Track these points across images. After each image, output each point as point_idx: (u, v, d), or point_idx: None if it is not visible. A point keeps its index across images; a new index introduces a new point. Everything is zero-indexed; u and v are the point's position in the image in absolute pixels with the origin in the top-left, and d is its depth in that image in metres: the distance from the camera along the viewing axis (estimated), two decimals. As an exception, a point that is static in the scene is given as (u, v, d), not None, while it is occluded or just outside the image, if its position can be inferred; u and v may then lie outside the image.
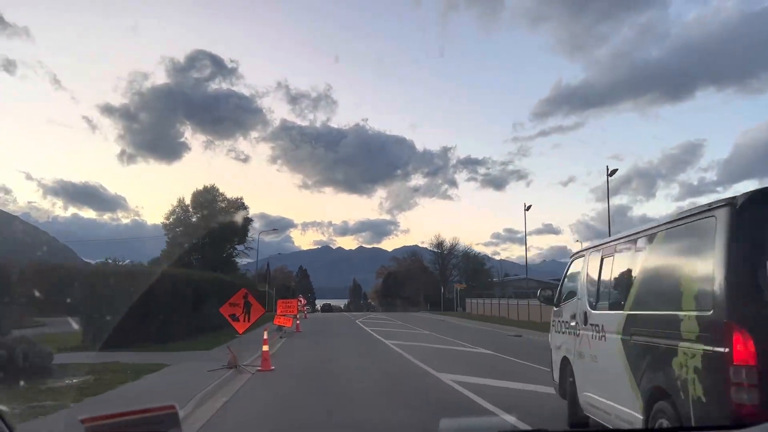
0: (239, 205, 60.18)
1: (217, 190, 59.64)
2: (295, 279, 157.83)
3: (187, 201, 59.13)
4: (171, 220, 58.37)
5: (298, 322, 31.04)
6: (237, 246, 60.37)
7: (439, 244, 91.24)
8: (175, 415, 1.62)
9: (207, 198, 58.66)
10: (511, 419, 6.69)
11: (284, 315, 29.81)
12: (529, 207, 50.36)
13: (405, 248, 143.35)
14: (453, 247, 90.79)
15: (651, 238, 5.53)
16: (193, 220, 59.17)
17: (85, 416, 1.57)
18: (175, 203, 59.01)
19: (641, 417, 5.22)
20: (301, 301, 46.79)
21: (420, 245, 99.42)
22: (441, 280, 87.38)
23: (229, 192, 61.38)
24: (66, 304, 23.21)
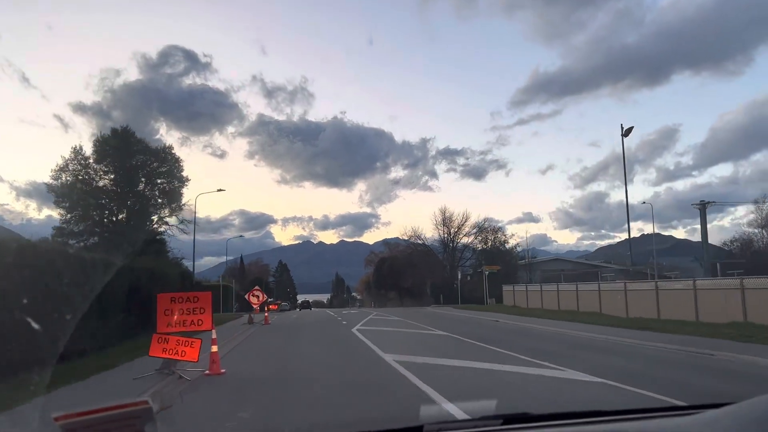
0: (168, 158, 40.29)
1: (133, 134, 39.48)
2: (274, 273, 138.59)
3: (88, 152, 39.28)
4: (63, 179, 38.21)
5: (214, 349, 12.12)
6: (167, 219, 40.77)
7: (446, 221, 72.17)
8: (150, 410, 1.51)
9: (117, 147, 38.62)
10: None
11: (173, 334, 11.03)
12: (628, 132, 31.72)
13: (386, 241, 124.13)
14: (463, 223, 71.74)
15: None
16: (99, 182, 39.36)
17: (58, 414, 1.44)
18: (68, 155, 38.83)
19: None
20: (256, 295, 27.56)
21: (401, 237, 79.07)
22: (450, 266, 68.80)
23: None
24: None
